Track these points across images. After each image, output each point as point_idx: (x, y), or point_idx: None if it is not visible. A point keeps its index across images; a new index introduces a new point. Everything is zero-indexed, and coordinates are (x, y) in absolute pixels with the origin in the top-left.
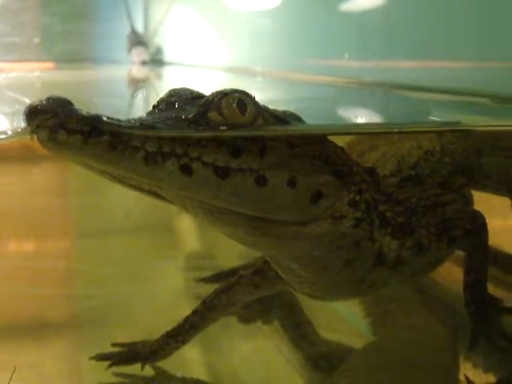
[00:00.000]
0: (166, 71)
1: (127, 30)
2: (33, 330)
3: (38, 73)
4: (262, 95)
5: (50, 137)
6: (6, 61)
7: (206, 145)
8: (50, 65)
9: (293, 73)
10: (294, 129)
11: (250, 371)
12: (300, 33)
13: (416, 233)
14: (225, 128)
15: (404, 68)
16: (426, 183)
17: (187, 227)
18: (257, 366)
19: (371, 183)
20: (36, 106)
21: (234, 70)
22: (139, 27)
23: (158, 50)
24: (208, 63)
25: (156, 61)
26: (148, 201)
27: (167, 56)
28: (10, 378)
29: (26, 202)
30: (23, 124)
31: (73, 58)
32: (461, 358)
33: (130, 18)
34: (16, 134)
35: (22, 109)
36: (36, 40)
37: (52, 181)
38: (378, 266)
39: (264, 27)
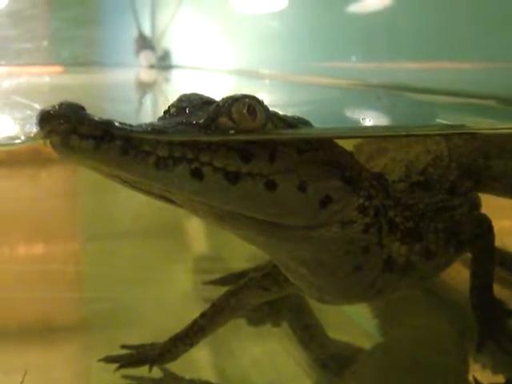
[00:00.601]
0: (174, 74)
1: (135, 34)
2: (42, 332)
3: (47, 78)
4: (270, 98)
5: (62, 142)
6: (15, 65)
7: (217, 150)
8: (58, 69)
9: (300, 75)
10: (303, 133)
11: (259, 373)
12: (307, 35)
13: (424, 238)
14: (235, 133)
15: (410, 70)
16: (434, 189)
17: (196, 230)
18: (266, 367)
19: (380, 189)
20: (49, 112)
21: (242, 73)
22: (146, 31)
23: (166, 54)
24: (215, 66)
25: (163, 64)
26: (156, 204)
27: (175, 59)
28: (22, 382)
29: (34, 205)
30: (35, 129)
31: (81, 61)
32: (469, 359)
33: (137, 21)
34: (29, 139)
35: (32, 114)
36: (45, 44)
37: (60, 184)
38: (387, 271)
39: (271, 30)
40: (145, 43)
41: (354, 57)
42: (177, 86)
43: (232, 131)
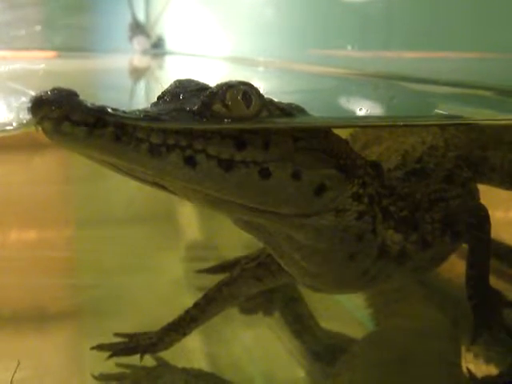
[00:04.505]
0: (168, 60)
1: (129, 20)
2: (34, 319)
3: (40, 63)
4: (264, 86)
5: (54, 128)
6: (8, 49)
7: (211, 137)
8: (51, 54)
9: (295, 63)
10: (298, 121)
11: (252, 362)
12: (302, 23)
13: (420, 228)
14: (229, 120)
15: (406, 58)
16: (430, 177)
17: (189, 217)
18: (258, 356)
19: (375, 177)
20: (41, 98)
21: (236, 60)
22: (141, 17)
23: (160, 40)
24: (209, 53)
25: (157, 50)
26: (149, 190)
27: (168, 45)
28: (15, 371)
29: (27, 191)
30: (28, 116)
31: (75, 46)
32: (463, 350)
33: (131, 7)
34: (21, 125)
35: (25, 100)
36: (38, 29)
37: (53, 170)
38: (381, 259)
39: (266, 17)
40: (139, 29)
41: (350, 45)
42: (170, 73)
43: (226, 118)
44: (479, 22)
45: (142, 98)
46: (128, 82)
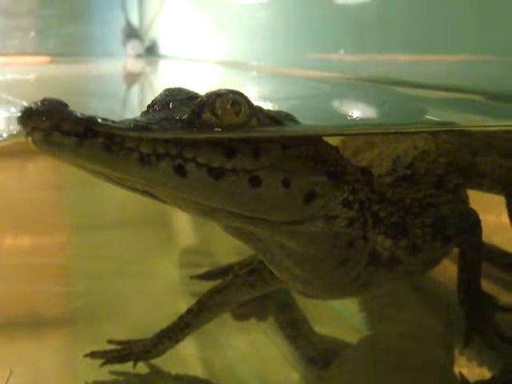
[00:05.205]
0: (161, 65)
1: (122, 24)
2: (28, 326)
3: (35, 70)
4: (257, 90)
5: (44, 139)
6: (2, 54)
7: (201, 146)
8: (45, 59)
9: (288, 68)
10: (288, 130)
11: (246, 367)
12: (296, 27)
13: (410, 233)
14: (219, 129)
15: (400, 62)
16: (421, 183)
17: (182, 223)
18: (253, 361)
19: (365, 183)
20: (30, 108)
21: (229, 65)
22: (134, 20)
23: (153, 44)
24: (203, 57)
25: (151, 54)
26: (142, 197)
27: (162, 49)
28: (7, 379)
29: (20, 197)
30: (18, 126)
31: (68, 51)
32: (455, 354)
33: (124, 11)
34: (12, 136)
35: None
36: (32, 34)
37: (47, 176)
38: (372, 265)
39: (260, 21)
40: (132, 32)
41: (343, 49)
42: (164, 77)
43: (216, 127)
44: (474, 24)
45: (136, 103)
46: (121, 86)
